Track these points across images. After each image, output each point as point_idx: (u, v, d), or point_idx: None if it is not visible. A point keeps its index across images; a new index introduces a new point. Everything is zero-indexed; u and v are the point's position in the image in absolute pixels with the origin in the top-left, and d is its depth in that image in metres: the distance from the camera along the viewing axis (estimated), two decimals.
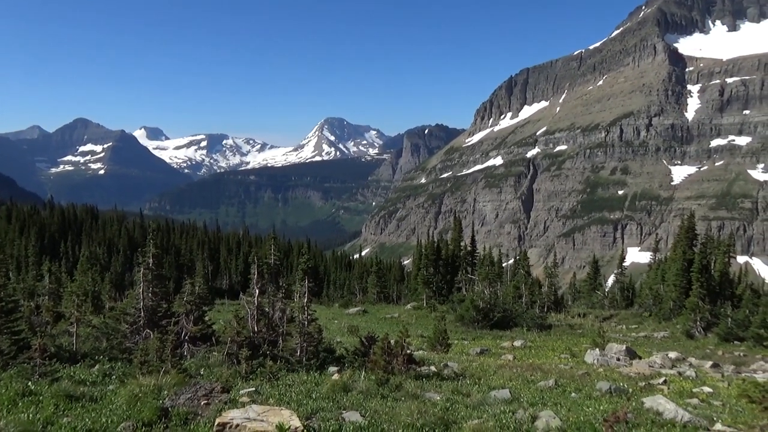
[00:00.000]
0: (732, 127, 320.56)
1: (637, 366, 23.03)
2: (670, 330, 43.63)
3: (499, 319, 39.21)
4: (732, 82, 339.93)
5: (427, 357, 22.14)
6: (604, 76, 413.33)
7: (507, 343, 31.34)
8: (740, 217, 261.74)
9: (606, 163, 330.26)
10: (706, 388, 17.42)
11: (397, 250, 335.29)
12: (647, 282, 63.00)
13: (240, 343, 16.60)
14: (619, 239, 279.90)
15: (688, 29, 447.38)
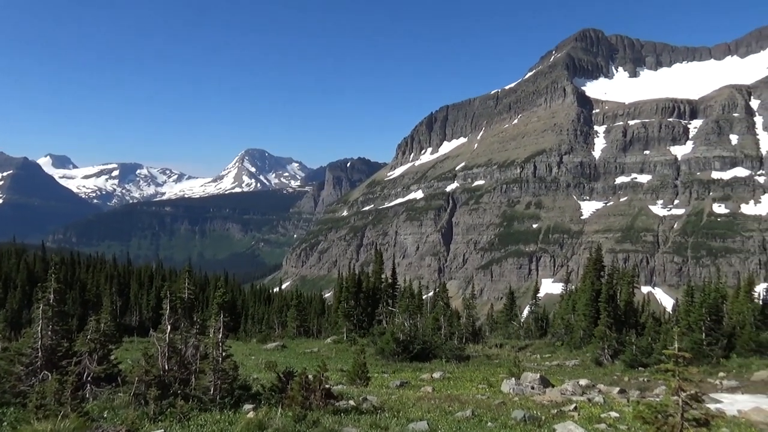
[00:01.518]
0: (634, 165, 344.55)
1: (550, 394, 23.75)
2: (580, 358, 45.43)
3: (419, 351, 39.41)
4: (633, 124, 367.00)
5: (346, 391, 21.84)
6: (519, 115, 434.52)
7: (426, 375, 31.49)
8: (643, 249, 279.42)
9: (521, 198, 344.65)
10: (613, 413, 18.19)
11: (319, 283, 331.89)
12: (559, 312, 65.58)
13: (148, 382, 15.74)
14: (534, 271, 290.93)
15: (594, 74, 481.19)
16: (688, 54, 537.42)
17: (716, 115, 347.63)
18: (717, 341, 43.14)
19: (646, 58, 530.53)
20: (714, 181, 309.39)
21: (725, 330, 45.51)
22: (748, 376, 35.79)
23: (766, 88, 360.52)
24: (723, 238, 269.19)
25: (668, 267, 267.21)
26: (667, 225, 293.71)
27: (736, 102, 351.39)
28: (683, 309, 54.15)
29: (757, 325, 49.15)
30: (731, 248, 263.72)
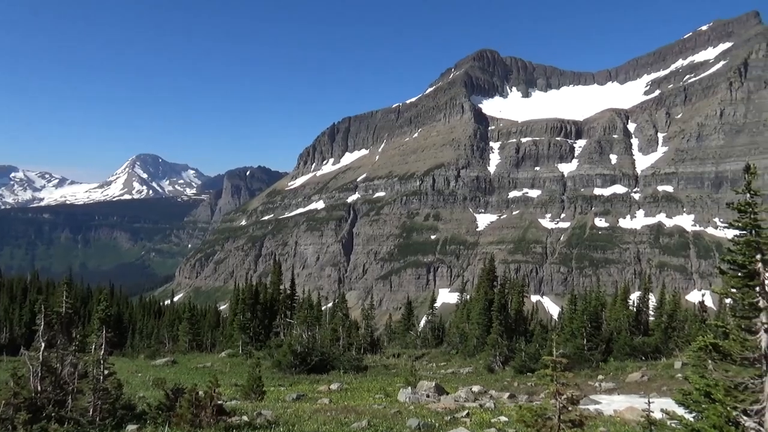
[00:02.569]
0: (526, 181, 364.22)
1: (444, 401, 24.24)
2: (474, 365, 46.88)
3: (316, 363, 38.95)
4: (526, 141, 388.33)
5: (239, 407, 21.06)
6: (419, 129, 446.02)
7: (324, 386, 31.14)
8: (533, 260, 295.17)
9: (420, 210, 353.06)
10: (503, 418, 18.84)
11: (214, 295, 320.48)
12: (455, 321, 67.48)
13: (17, 405, 14.28)
14: (432, 281, 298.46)
15: (490, 93, 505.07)
16: (574, 78, 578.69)
17: (598, 136, 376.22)
18: (597, 346, 46.21)
19: (537, 80, 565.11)
20: (596, 197, 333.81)
21: (604, 335, 48.86)
22: (624, 377, 38.59)
23: (641, 112, 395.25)
24: (603, 250, 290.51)
25: (555, 277, 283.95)
26: (554, 237, 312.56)
27: (615, 124, 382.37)
28: (567, 316, 57.57)
29: (632, 331, 53.25)
30: (610, 259, 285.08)
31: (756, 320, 10.18)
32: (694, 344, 10.85)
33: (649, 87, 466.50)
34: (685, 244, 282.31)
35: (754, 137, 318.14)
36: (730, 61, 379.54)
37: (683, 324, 53.29)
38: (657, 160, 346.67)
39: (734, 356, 10.12)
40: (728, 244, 11.09)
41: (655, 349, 47.28)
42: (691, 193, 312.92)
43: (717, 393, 9.78)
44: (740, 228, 10.58)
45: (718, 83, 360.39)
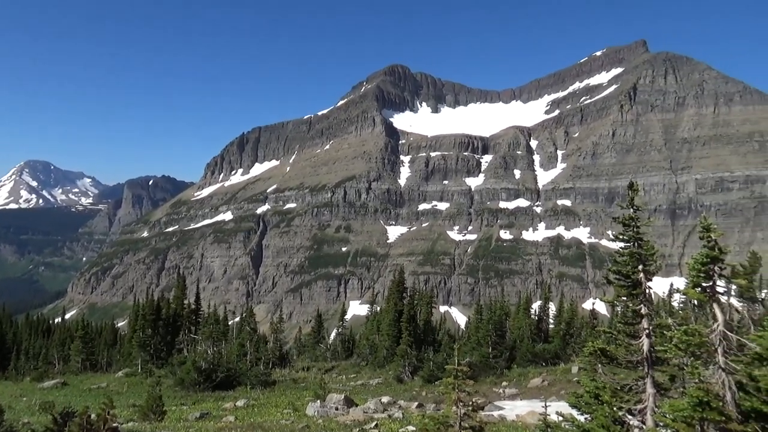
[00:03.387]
0: (435, 194, 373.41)
1: (353, 413, 24.15)
2: (384, 376, 47.15)
3: (222, 380, 37.66)
4: (435, 155, 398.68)
5: (137, 429, 19.93)
6: (330, 141, 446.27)
7: (229, 403, 30.14)
8: (442, 271, 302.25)
9: (331, 222, 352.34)
10: (410, 428, 19.03)
11: (111, 311, 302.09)
12: (365, 333, 67.67)
13: None
14: (343, 293, 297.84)
15: (401, 107, 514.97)
16: (481, 96, 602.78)
17: (503, 152, 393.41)
18: (501, 354, 47.92)
19: (446, 97, 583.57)
20: (501, 210, 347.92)
21: (508, 343, 50.78)
22: (526, 383, 40.23)
23: (542, 130, 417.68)
24: (508, 261, 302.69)
25: (462, 287, 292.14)
26: (462, 249, 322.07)
27: (519, 141, 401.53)
28: (474, 326, 59.34)
29: (534, 338, 55.72)
30: (514, 270, 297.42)
31: (639, 326, 10.95)
32: (585, 349, 11.48)
33: (549, 107, 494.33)
34: (582, 255, 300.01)
35: (641, 156, 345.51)
36: (621, 85, 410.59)
37: (580, 331, 56.45)
38: (557, 175, 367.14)
39: (620, 360, 10.82)
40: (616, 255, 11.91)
41: (554, 355, 49.72)
42: (587, 207, 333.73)
43: (605, 395, 10.40)
44: (625, 240, 11.38)
45: (610, 105, 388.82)
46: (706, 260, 9.31)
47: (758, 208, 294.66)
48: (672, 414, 8.58)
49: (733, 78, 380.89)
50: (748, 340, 8.91)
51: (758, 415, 8.37)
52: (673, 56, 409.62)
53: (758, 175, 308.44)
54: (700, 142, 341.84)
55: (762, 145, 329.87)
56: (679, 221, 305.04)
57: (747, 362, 8.86)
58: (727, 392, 8.74)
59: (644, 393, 10.55)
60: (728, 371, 8.85)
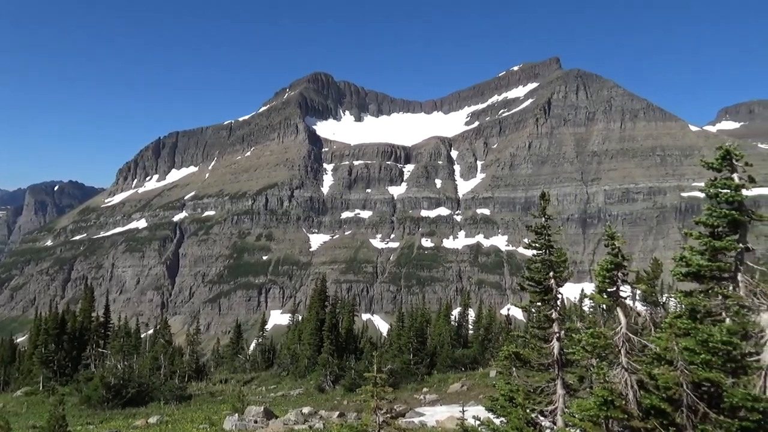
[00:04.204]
0: (358, 202, 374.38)
1: (273, 425, 23.62)
2: (305, 386, 46.54)
3: (133, 395, 35.82)
4: (358, 164, 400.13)
5: None
6: (252, 147, 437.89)
7: (141, 421, 28.68)
8: (364, 279, 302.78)
9: (252, 230, 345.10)
10: None
11: (9, 326, 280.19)
12: (286, 342, 66.60)
13: None
14: (264, 303, 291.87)
15: (324, 115, 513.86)
16: (404, 106, 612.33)
17: (425, 162, 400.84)
18: (423, 360, 48.56)
19: (369, 106, 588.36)
20: (422, 219, 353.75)
21: (429, 350, 51.54)
22: (446, 388, 40.93)
23: (463, 141, 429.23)
24: (429, 269, 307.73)
25: (385, 295, 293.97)
26: (384, 257, 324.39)
27: (440, 151, 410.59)
28: (396, 333, 59.79)
29: (454, 344, 56.89)
30: (435, 277, 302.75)
31: (550, 330, 11.38)
32: (500, 354, 11.79)
33: (469, 118, 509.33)
34: (500, 263, 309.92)
35: (555, 168, 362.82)
36: (536, 99, 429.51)
37: (497, 336, 58.19)
38: (476, 185, 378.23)
39: (533, 363, 11.18)
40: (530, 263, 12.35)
41: (473, 360, 50.97)
42: (505, 216, 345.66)
43: (519, 397, 10.70)
44: (537, 248, 11.81)
45: (526, 118, 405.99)
46: (610, 267, 9.80)
47: (660, 217, 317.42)
48: (580, 414, 8.94)
49: (637, 95, 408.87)
50: (648, 342, 9.45)
51: (657, 412, 8.86)
52: (583, 73, 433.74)
53: (660, 187, 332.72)
54: (609, 156, 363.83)
55: (663, 159, 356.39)
56: (589, 230, 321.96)
57: (647, 362, 9.40)
58: (629, 391, 9.21)
59: (555, 394, 10.95)
60: (630, 371, 9.34)
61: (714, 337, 8.35)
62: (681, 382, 8.34)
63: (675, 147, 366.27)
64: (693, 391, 8.38)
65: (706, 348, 8.38)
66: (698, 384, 8.38)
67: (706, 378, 8.18)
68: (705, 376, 8.18)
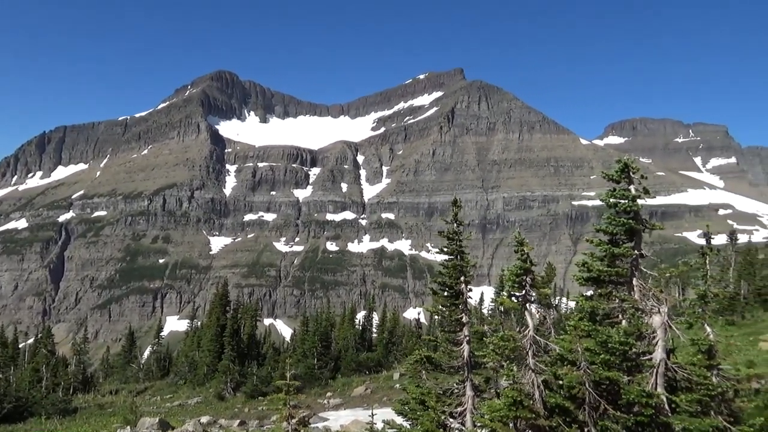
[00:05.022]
0: (262, 204, 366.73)
1: None
2: (204, 395, 44.78)
3: (10, 411, 32.75)
4: (263, 166, 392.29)
5: None
6: (149, 146, 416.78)
7: None
8: (267, 283, 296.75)
9: (148, 232, 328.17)
10: None
11: None
12: (184, 350, 63.87)
13: None
14: (159, 309, 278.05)
15: (228, 114, 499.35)
16: (310, 109, 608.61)
17: (331, 165, 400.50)
18: (327, 364, 48.26)
19: (275, 107, 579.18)
20: (328, 222, 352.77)
21: (333, 354, 51.32)
22: (350, 392, 40.91)
23: (369, 146, 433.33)
24: (334, 273, 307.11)
25: (288, 299, 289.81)
26: (288, 261, 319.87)
27: (346, 155, 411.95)
28: (300, 338, 59.09)
29: (358, 348, 57.07)
30: (340, 281, 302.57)
31: (460, 333, 11.59)
32: (410, 357, 11.86)
33: (375, 124, 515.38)
34: (404, 267, 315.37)
35: (458, 175, 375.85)
36: (440, 108, 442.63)
37: (401, 339, 59.07)
38: (381, 190, 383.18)
39: (443, 366, 11.33)
40: (438, 267, 12.53)
41: (377, 363, 51.37)
42: (409, 221, 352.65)
43: (430, 400, 10.80)
44: (448, 253, 12.02)
45: (431, 126, 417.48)
46: (519, 272, 10.14)
47: (553, 224, 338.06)
48: (490, 414, 9.15)
49: (534, 109, 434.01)
50: (553, 343, 9.86)
51: (561, 410, 9.26)
52: (485, 85, 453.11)
53: (553, 195, 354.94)
54: (507, 164, 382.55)
55: (557, 169, 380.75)
56: (488, 235, 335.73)
57: (551, 363, 9.80)
58: (535, 391, 9.56)
59: (464, 396, 11.16)
60: (537, 371, 9.69)
61: (612, 338, 8.84)
62: (584, 381, 8.75)
63: (567, 158, 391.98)
64: (594, 389, 8.82)
65: (605, 348, 8.85)
66: (599, 382, 8.84)
67: (606, 377, 8.63)
68: (605, 375, 8.64)
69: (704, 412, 8.60)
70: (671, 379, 9.16)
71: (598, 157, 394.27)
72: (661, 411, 8.71)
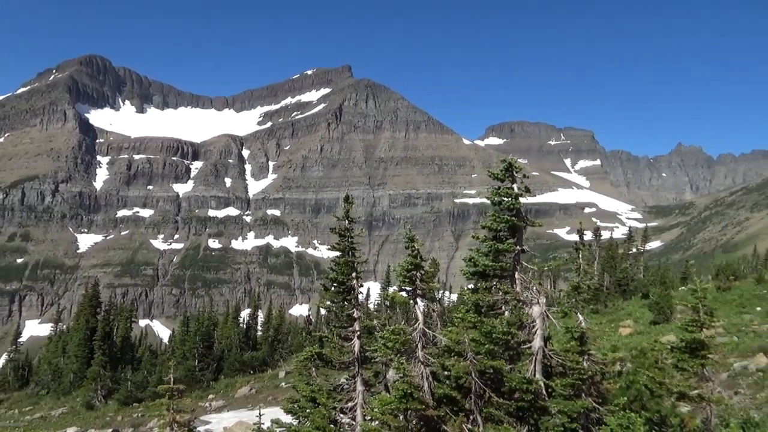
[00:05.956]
0: (137, 199, 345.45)
1: None
2: (70, 404, 41.56)
3: None
4: (139, 158, 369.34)
5: None
6: (6, 133, 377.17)
7: None
8: (143, 283, 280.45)
9: (4, 228, 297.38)
10: None
11: None
12: (47, 356, 58.91)
13: None
14: (17, 312, 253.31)
15: (99, 102, 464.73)
16: (192, 100, 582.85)
17: (214, 159, 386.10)
18: (209, 366, 46.52)
19: (153, 97, 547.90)
20: (210, 219, 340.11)
21: (216, 354, 49.59)
22: (233, 393, 39.75)
23: (255, 141, 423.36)
24: (216, 271, 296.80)
25: (167, 299, 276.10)
26: (167, 259, 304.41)
27: (231, 150, 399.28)
28: (179, 339, 56.48)
29: (242, 347, 55.56)
30: (223, 279, 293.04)
31: (351, 329, 11.61)
32: (300, 354, 11.71)
33: (262, 118, 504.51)
34: (290, 264, 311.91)
35: (345, 172, 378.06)
36: (328, 105, 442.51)
37: (287, 336, 58.38)
38: (267, 186, 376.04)
39: (334, 362, 11.30)
40: (325, 264, 12.51)
41: (262, 362, 50.36)
42: (295, 218, 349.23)
43: (321, 397, 10.72)
44: (340, 250, 12.00)
45: (319, 122, 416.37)
46: (410, 267, 10.35)
47: (436, 221, 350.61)
48: (380, 408, 9.26)
49: (420, 109, 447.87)
50: (440, 335, 10.16)
51: (449, 399, 9.59)
52: (373, 84, 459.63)
53: (437, 193, 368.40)
54: (394, 162, 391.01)
55: (441, 168, 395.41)
56: (375, 231, 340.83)
57: (439, 354, 10.11)
58: (424, 382, 9.81)
59: (355, 391, 11.20)
60: (426, 364, 9.95)
61: (496, 328, 9.28)
62: (470, 371, 9.10)
63: (450, 158, 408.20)
64: (480, 378, 9.21)
65: (490, 339, 9.27)
66: (484, 372, 9.24)
67: (491, 366, 9.05)
68: (490, 364, 9.05)
69: (576, 394, 9.27)
70: (548, 366, 9.79)
71: (480, 156, 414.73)
72: (540, 395, 9.28)
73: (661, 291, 29.13)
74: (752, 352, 16.69)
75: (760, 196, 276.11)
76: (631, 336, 24.90)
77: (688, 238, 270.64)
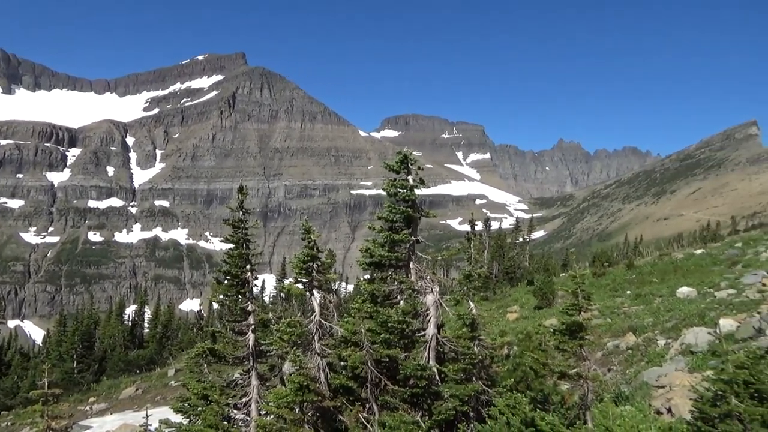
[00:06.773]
0: (5, 189, 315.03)
1: None
2: None
3: None
4: (6, 144, 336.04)
5: None
6: None
7: None
8: (12, 280, 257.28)
9: None
10: None
11: None
12: None
13: None
14: None
15: None
16: (69, 82, 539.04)
17: (95, 146, 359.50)
18: (89, 367, 43.66)
19: (23, 77, 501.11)
20: (91, 210, 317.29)
21: (97, 355, 46.63)
22: (117, 395, 37.58)
23: (140, 127, 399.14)
24: (98, 265, 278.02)
25: (40, 297, 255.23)
26: (40, 253, 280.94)
27: (113, 136, 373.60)
28: (55, 339, 52.51)
29: (127, 345, 52.57)
30: (105, 274, 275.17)
31: (245, 323, 11.34)
32: (191, 351, 11.27)
33: (148, 104, 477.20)
34: (180, 257, 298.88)
35: (239, 161, 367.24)
36: (221, 92, 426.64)
37: (177, 332, 55.98)
38: (155, 175, 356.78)
39: (227, 357, 10.98)
40: (218, 256, 12.12)
41: (150, 361, 47.93)
42: (185, 209, 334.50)
43: (213, 394, 10.38)
44: (233, 242, 11.64)
45: (211, 110, 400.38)
46: (306, 258, 10.26)
47: (333, 212, 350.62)
48: (276, 401, 9.13)
49: (317, 99, 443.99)
50: (337, 326, 10.18)
51: (345, 390, 9.65)
52: (268, 72, 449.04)
53: (333, 184, 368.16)
54: (290, 153, 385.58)
55: (337, 159, 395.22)
56: (270, 223, 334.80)
57: (336, 345, 10.14)
58: (321, 374, 9.80)
59: (249, 386, 10.96)
60: (322, 355, 9.94)
61: (392, 318, 9.45)
62: (366, 361, 9.20)
63: (347, 149, 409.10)
64: (376, 367, 9.34)
65: (385, 328, 9.42)
66: (380, 360, 9.39)
67: (386, 354, 9.20)
68: (386, 353, 9.20)
69: (467, 378, 9.67)
70: (441, 352, 10.12)
71: (375, 148, 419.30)
72: (433, 381, 9.58)
73: (544, 278, 31.05)
74: (623, 332, 18.25)
75: (630, 188, 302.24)
76: (517, 321, 26.34)
77: (569, 227, 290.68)
